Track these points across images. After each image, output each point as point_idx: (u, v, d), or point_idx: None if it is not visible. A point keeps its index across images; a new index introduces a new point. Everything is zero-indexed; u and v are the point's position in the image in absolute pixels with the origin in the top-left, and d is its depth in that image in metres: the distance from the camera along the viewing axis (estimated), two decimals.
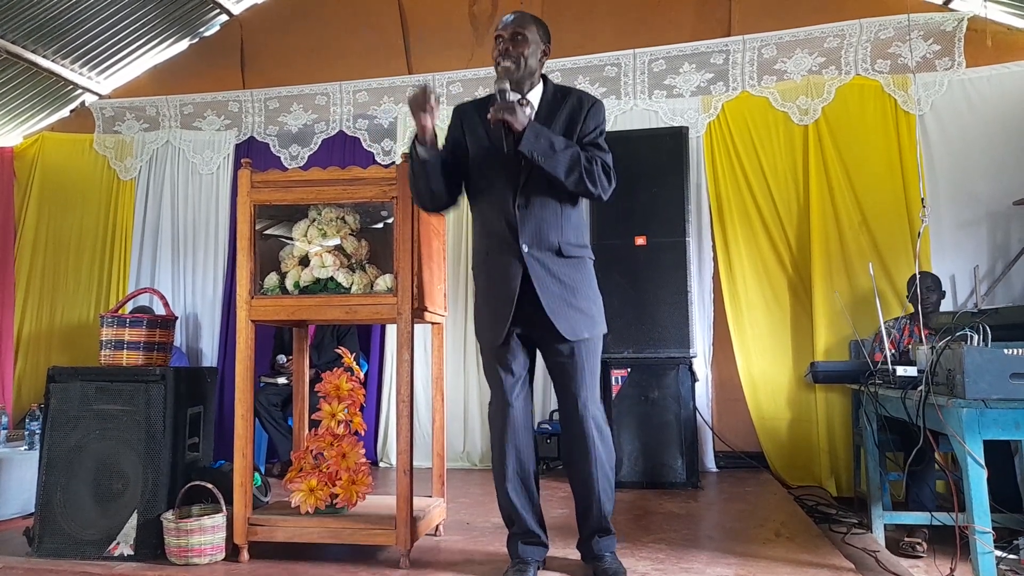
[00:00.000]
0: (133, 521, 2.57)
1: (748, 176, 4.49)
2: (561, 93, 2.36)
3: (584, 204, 2.41)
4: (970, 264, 4.15)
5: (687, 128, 4.22)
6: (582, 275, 2.31)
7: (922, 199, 4.06)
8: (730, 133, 4.56)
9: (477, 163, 2.32)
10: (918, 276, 3.64)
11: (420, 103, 2.19)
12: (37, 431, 3.55)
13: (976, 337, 2.26)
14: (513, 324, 2.25)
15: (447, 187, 2.33)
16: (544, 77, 2.38)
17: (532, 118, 2.20)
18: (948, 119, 4.31)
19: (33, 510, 2.68)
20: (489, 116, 2.15)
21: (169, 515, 2.53)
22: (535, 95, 2.33)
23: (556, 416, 4.53)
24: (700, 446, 4.20)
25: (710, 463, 4.36)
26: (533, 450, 2.36)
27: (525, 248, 2.22)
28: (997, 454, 2.74)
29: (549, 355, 2.32)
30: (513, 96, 2.20)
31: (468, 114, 2.39)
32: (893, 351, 2.99)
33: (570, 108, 2.31)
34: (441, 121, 2.30)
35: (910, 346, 3.29)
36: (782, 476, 4.22)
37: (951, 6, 4.44)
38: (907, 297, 3.97)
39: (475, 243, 2.40)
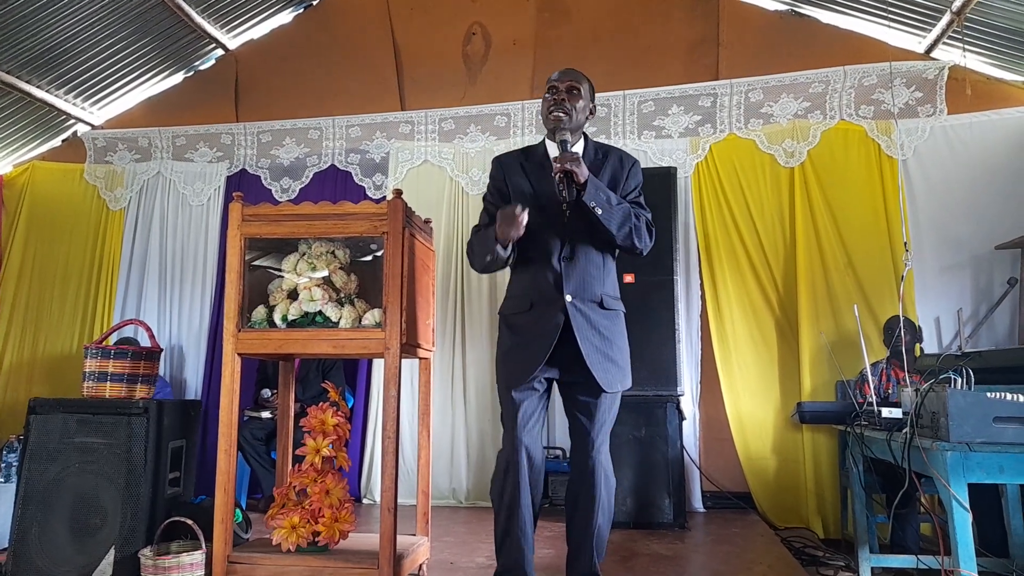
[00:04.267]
0: (110, 557, 2.52)
1: (735, 216, 4.56)
2: (602, 151, 2.43)
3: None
4: (954, 307, 4.20)
5: (675, 168, 4.27)
6: (619, 328, 2.37)
7: (905, 243, 4.11)
8: (718, 174, 4.63)
9: None
10: (902, 320, 3.67)
11: (513, 221, 2.19)
12: (15, 463, 3.49)
13: (960, 380, 2.28)
14: (543, 367, 2.27)
15: (509, 257, 2.36)
16: (584, 134, 2.44)
17: None
18: (931, 164, 4.40)
19: (7, 545, 2.62)
20: (557, 166, 2.18)
21: (147, 551, 2.48)
22: (577, 150, 2.38)
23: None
24: (687, 485, 4.17)
25: (697, 503, 4.34)
26: (541, 489, 2.35)
27: (569, 298, 2.26)
28: (984, 497, 2.74)
29: (574, 400, 2.34)
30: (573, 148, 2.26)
31: (510, 165, 2.43)
32: (875, 397, 3.01)
33: (612, 166, 2.39)
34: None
35: (889, 390, 3.31)
36: (769, 517, 4.20)
37: (932, 55, 4.56)
38: (883, 341, 4.02)
39: (515, 291, 2.39)
